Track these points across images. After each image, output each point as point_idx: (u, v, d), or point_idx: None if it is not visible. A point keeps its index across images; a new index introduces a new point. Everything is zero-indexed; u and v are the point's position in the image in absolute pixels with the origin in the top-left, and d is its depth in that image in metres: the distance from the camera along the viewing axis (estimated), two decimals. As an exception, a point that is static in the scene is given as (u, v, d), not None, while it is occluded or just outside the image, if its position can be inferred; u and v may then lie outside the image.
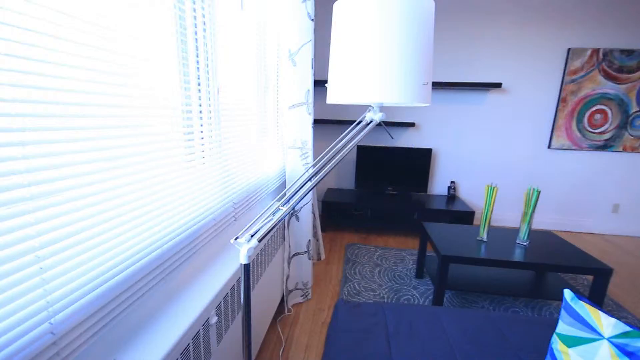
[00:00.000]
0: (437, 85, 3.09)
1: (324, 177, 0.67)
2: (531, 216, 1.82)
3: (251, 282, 1.30)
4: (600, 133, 3.14)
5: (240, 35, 1.35)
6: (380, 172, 3.29)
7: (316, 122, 3.33)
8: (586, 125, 3.14)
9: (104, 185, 0.69)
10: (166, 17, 0.89)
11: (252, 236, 0.62)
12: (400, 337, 1.08)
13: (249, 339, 0.69)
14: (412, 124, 3.24)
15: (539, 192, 1.77)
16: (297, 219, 1.89)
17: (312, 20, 1.66)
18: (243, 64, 1.39)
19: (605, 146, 3.16)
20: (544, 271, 2.09)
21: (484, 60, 3.17)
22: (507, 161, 3.37)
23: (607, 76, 3.02)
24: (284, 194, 0.72)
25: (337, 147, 0.74)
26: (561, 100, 3.11)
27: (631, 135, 3.11)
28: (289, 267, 1.91)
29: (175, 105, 0.94)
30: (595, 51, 2.99)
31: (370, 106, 0.74)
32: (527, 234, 1.87)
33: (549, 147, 3.25)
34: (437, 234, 2.04)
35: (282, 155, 2.08)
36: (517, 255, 1.76)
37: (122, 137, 0.73)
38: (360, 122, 0.77)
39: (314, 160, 0.86)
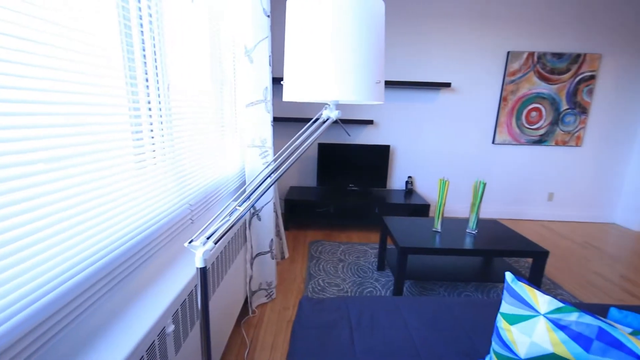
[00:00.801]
0: (393, 84, 3.21)
1: (280, 175, 0.67)
2: (479, 207, 1.96)
3: (211, 286, 1.26)
4: (536, 129, 3.47)
5: (192, 29, 1.29)
6: (341, 169, 3.35)
7: (276, 120, 3.29)
8: (524, 122, 3.45)
9: (41, 189, 0.62)
10: (106, 6, 0.83)
11: (208, 238, 0.60)
12: (363, 328, 1.11)
13: (208, 346, 0.67)
14: (370, 122, 3.34)
15: (484, 184, 1.92)
16: (259, 219, 1.86)
17: (268, 16, 1.64)
18: (196, 60, 1.33)
19: (540, 141, 3.51)
20: (491, 256, 2.26)
21: (435, 61, 3.34)
22: (457, 156, 3.60)
23: (541, 77, 3.34)
24: (241, 194, 0.70)
25: (294, 145, 0.74)
26: (502, 99, 3.39)
27: (562, 130, 3.48)
28: (252, 268, 1.87)
29: (121, 102, 0.88)
30: (531, 54, 3.29)
31: (327, 104, 0.75)
32: (475, 223, 2.02)
33: (493, 142, 3.53)
34: (396, 227, 2.13)
35: (241, 155, 2.03)
36: (468, 243, 1.89)
37: (61, 137, 0.67)
38: (317, 119, 0.77)
39: (272, 159, 0.85)
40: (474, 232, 2.05)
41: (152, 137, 1.04)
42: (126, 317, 0.78)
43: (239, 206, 0.64)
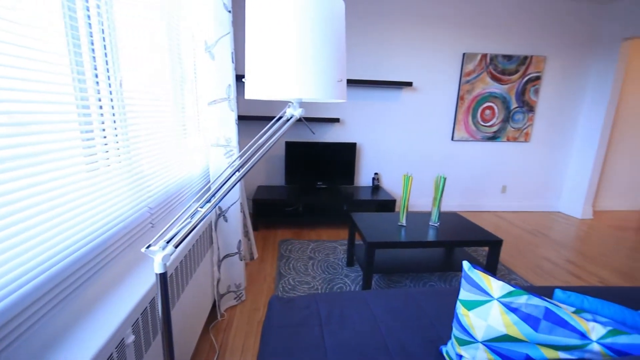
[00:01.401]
0: (358, 83, 3.27)
1: (244, 175, 0.66)
2: (440, 200, 2.06)
3: (175, 292, 1.21)
4: (490, 126, 3.71)
5: (147, 21, 1.22)
6: (309, 167, 3.35)
7: (242, 118, 3.22)
8: (479, 119, 3.67)
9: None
10: (46, -5, 0.76)
11: (167, 242, 0.57)
12: (333, 324, 1.13)
13: (171, 355, 0.64)
14: (337, 120, 3.37)
15: (445, 179, 2.02)
16: (225, 220, 1.81)
17: (230, 12, 1.59)
18: (152, 55, 1.26)
19: (494, 137, 3.75)
20: (452, 247, 2.39)
21: (397, 61, 3.45)
22: (420, 152, 3.75)
23: (493, 78, 3.57)
24: (204, 195, 0.68)
25: (257, 143, 0.73)
26: (460, 98, 3.58)
27: (512, 127, 3.75)
28: (219, 271, 1.82)
29: (67, 99, 0.81)
30: (484, 56, 3.50)
31: (290, 102, 0.75)
32: (437, 216, 2.12)
33: (452, 139, 3.72)
34: (363, 223, 2.17)
35: (206, 154, 1.96)
36: (431, 236, 1.98)
37: (-9, 138, 0.60)
38: (280, 117, 0.77)
39: (236, 158, 0.83)
40: (436, 225, 2.15)
41: (105, 137, 0.98)
42: (80, 330, 0.73)
43: (201, 207, 0.62)
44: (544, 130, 3.84)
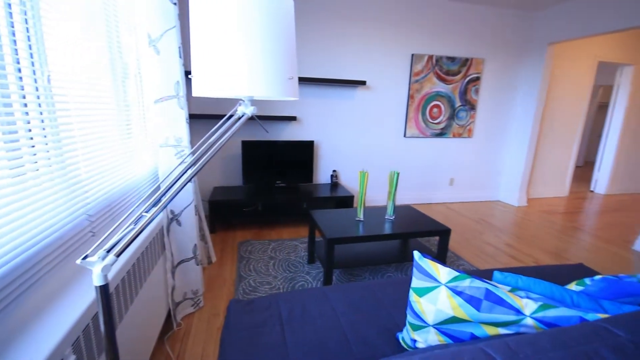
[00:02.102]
0: (313, 81, 3.29)
1: (193, 176, 0.63)
2: (394, 194, 2.15)
3: (122, 304, 1.13)
4: (437, 123, 3.95)
5: (80, 10, 1.11)
6: (268, 166, 3.31)
7: (194, 117, 3.08)
8: (428, 117, 3.90)
9: None
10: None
11: (108, 252, 0.53)
12: (294, 322, 1.13)
13: (118, 370, 0.60)
14: (293, 118, 3.36)
15: (398, 174, 2.11)
16: (179, 224, 1.72)
17: (175, 4, 1.51)
18: (88, 48, 1.16)
19: (441, 134, 4.00)
20: (407, 238, 2.51)
21: (351, 60, 3.53)
22: (375, 149, 3.88)
23: (439, 78, 3.80)
24: (149, 199, 0.64)
25: (208, 142, 0.70)
26: (410, 97, 3.77)
27: (457, 124, 4.03)
28: (173, 278, 1.73)
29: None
30: (430, 57, 3.71)
31: (241, 100, 0.73)
32: (392, 210, 2.21)
33: (404, 135, 3.90)
34: (323, 220, 2.20)
35: (155, 155, 1.84)
36: (387, 229, 2.06)
37: None
38: (232, 116, 0.74)
39: (185, 159, 0.80)
40: (391, 218, 2.24)
41: (32, 139, 0.87)
42: (11, 354, 0.65)
43: (146, 212, 0.58)
44: (484, 126, 4.19)
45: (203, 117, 3.09)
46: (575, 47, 4.28)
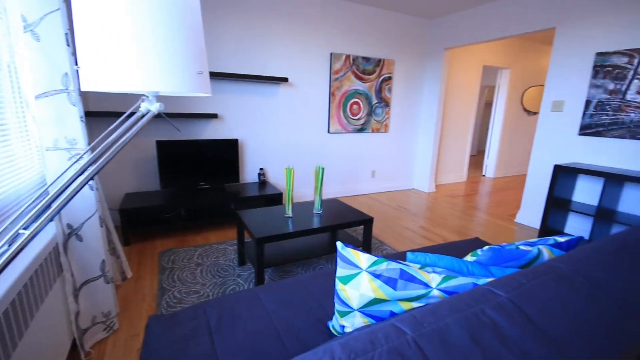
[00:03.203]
0: (235, 77, 3.17)
1: (87, 182, 0.55)
2: (321, 189, 2.22)
3: (8, 341, 0.93)
4: (357, 119, 4.20)
5: None
6: (189, 167, 3.08)
7: (94, 115, 2.69)
8: (349, 114, 4.11)
9: None
10: None
11: (-29, 282, 0.42)
12: (223, 329, 1.08)
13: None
14: (214, 115, 3.20)
15: (323, 169, 2.18)
16: (80, 239, 1.49)
17: (57, -17, 1.29)
18: None
19: (362, 129, 4.26)
20: (335, 230, 2.62)
21: (273, 57, 3.50)
22: (301, 145, 3.94)
23: (357, 76, 4.03)
24: (29, 212, 0.54)
25: (105, 143, 0.62)
26: (331, 94, 3.91)
27: (375, 120, 4.33)
28: (77, 302, 1.50)
29: None
30: (348, 57, 3.91)
31: (144, 95, 0.66)
32: (319, 204, 2.28)
33: (328, 132, 4.05)
34: (251, 220, 2.15)
35: (42, 161, 1.55)
36: (315, 223, 2.12)
37: None
38: (133, 113, 0.67)
39: (75, 162, 0.69)
40: (319, 212, 2.31)
41: None
42: None
43: (25, 229, 0.48)
44: (398, 122, 4.59)
45: (107, 115, 2.72)
46: (466, 52, 4.98)
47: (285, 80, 3.44)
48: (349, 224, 2.18)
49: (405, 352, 0.44)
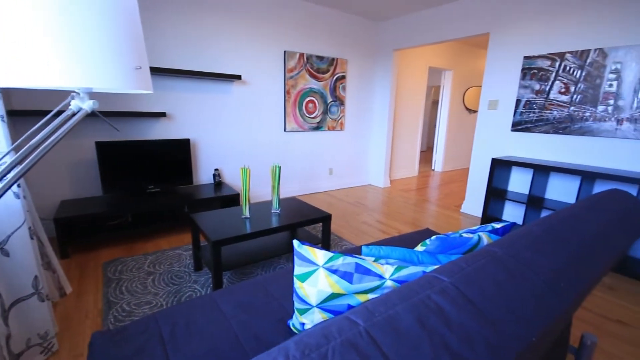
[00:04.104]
0: (184, 73, 3.01)
1: (9, 188, 0.49)
2: (278, 188, 2.20)
3: None
4: (313, 118, 4.23)
5: None
6: (135, 170, 2.87)
7: (17, 114, 2.39)
8: (305, 112, 4.12)
9: None
10: None
11: None
12: (178, 339, 1.04)
13: None
14: (162, 114, 3.02)
15: (280, 168, 2.17)
16: (6, 254, 1.33)
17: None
18: None
19: (318, 127, 4.30)
20: (294, 229, 2.62)
21: (226, 53, 3.38)
22: (257, 144, 3.87)
23: (311, 75, 4.06)
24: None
25: (29, 145, 0.55)
26: (287, 93, 3.90)
27: (331, 118, 4.40)
28: (6, 324, 1.33)
29: None
30: (302, 55, 3.91)
31: (75, 92, 0.60)
32: (278, 203, 2.26)
33: (285, 130, 4.02)
34: (206, 222, 2.07)
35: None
36: (274, 222, 2.10)
37: None
38: (62, 111, 0.61)
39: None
40: (277, 212, 2.29)
41: None
42: None
43: None
44: (353, 120, 4.71)
45: (34, 113, 2.43)
46: (413, 54, 5.25)
47: (238, 77, 3.35)
48: (308, 221, 2.20)
49: (358, 342, 0.46)
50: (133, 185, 2.89)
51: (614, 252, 0.97)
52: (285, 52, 3.77)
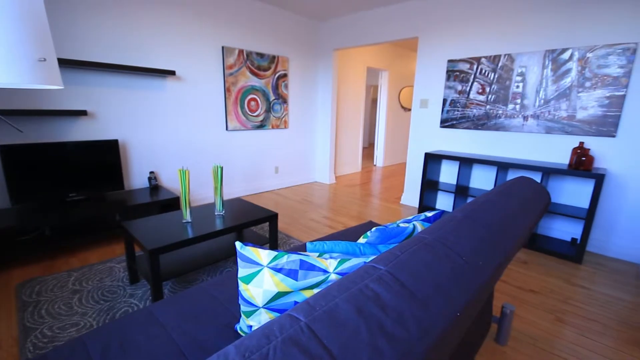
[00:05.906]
0: (107, 67, 2.72)
1: None
2: (221, 189, 2.13)
3: None
4: (256, 116, 4.15)
5: None
6: (51, 176, 2.53)
7: None
8: (247, 110, 4.02)
9: None
10: None
11: None
12: None
13: None
14: (82, 112, 2.70)
15: (222, 168, 2.09)
16: None
17: None
18: None
19: (261, 125, 4.23)
20: (239, 230, 2.56)
21: (157, 47, 3.13)
22: (197, 144, 3.67)
23: (252, 72, 3.97)
24: None
25: None
26: (227, 90, 3.76)
27: (274, 116, 4.36)
28: None
29: None
30: (241, 51, 3.80)
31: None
32: (221, 205, 2.18)
33: (226, 129, 3.88)
34: (140, 230, 1.91)
35: None
36: (218, 225, 2.03)
37: None
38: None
39: None
40: (221, 214, 2.21)
41: None
42: None
43: None
44: (297, 118, 4.73)
45: None
46: (353, 54, 5.44)
47: (172, 73, 3.13)
48: (254, 222, 2.16)
49: (300, 338, 0.47)
50: (49, 194, 2.54)
51: (521, 230, 1.13)
52: (223, 47, 3.63)
